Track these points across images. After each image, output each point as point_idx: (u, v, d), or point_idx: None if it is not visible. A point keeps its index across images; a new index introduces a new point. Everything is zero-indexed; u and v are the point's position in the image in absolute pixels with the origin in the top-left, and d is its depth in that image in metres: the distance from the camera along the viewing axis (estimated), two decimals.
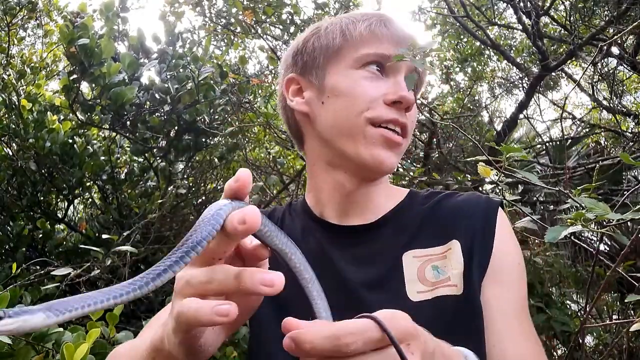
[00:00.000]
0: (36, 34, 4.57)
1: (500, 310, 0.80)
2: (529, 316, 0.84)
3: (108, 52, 2.19)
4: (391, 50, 0.87)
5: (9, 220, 2.64)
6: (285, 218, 0.99)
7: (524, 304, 0.84)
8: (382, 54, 0.88)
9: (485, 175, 1.11)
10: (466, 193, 0.94)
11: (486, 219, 0.86)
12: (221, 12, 3.34)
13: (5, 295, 1.13)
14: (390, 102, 0.85)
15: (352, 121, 0.86)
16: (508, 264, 0.84)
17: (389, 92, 0.86)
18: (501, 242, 0.85)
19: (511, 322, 0.80)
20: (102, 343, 1.20)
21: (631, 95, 5.79)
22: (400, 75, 0.88)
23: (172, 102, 2.42)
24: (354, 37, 0.89)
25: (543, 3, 4.10)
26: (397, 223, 0.91)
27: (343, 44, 0.90)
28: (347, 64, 0.89)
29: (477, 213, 0.88)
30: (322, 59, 0.92)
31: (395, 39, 0.89)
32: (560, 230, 0.95)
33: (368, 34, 0.89)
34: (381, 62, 0.88)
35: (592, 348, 2.74)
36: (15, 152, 2.55)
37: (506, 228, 0.88)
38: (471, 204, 0.90)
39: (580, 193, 1.07)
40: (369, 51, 0.88)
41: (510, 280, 0.83)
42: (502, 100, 6.52)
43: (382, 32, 0.89)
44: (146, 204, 2.67)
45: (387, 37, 0.89)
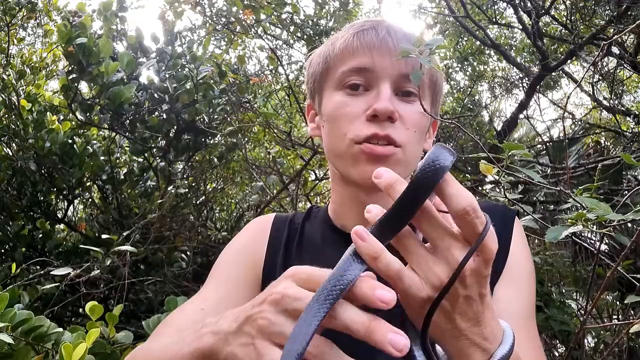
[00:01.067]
0: (36, 34, 4.57)
1: (510, 313, 0.81)
2: (535, 323, 0.85)
3: (106, 52, 2.19)
4: (366, 60, 0.85)
5: (9, 220, 2.64)
6: (305, 225, 1.00)
7: (532, 312, 0.86)
8: (356, 67, 0.86)
9: (487, 173, 1.11)
10: (482, 201, 0.95)
11: (503, 226, 0.88)
12: (221, 11, 3.33)
13: (4, 295, 1.13)
14: (369, 117, 0.83)
15: (339, 144, 0.87)
16: (521, 272, 0.86)
17: (368, 106, 0.84)
18: (516, 250, 0.87)
19: (519, 325, 0.80)
20: (102, 343, 1.20)
21: (631, 95, 5.79)
22: (383, 84, 0.85)
23: (170, 101, 2.42)
24: (332, 58, 0.90)
25: (543, 2, 4.09)
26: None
27: (324, 68, 0.91)
28: (332, 87, 0.90)
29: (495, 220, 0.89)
30: (317, 85, 0.94)
31: (372, 45, 0.86)
32: (561, 230, 0.96)
33: (342, 51, 0.88)
34: (364, 75, 0.86)
35: (592, 348, 2.74)
36: (15, 152, 2.55)
37: (521, 238, 0.90)
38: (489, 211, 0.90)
39: (581, 193, 1.07)
40: (343, 68, 0.87)
41: (522, 286, 0.85)
42: (502, 100, 6.51)
43: (355, 44, 0.86)
44: (146, 204, 2.67)
45: (361, 47, 0.86)
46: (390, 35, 0.86)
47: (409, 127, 0.85)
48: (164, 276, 2.49)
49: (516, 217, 0.92)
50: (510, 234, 0.88)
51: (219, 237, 2.92)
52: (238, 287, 0.92)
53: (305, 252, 0.96)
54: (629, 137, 3.97)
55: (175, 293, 2.25)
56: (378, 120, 0.82)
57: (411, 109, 0.86)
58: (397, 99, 0.86)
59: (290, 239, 0.99)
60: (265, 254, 0.97)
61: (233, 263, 0.97)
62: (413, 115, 0.86)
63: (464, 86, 5.92)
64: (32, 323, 1.13)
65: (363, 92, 0.86)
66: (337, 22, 3.49)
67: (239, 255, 0.98)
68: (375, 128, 0.82)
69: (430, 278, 0.52)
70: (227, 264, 0.97)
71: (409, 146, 0.85)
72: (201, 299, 0.90)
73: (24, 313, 1.13)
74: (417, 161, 0.90)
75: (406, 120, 0.85)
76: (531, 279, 0.87)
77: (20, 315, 1.12)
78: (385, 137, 0.82)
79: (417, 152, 0.89)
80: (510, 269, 0.85)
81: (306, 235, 0.99)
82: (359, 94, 0.86)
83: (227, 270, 0.96)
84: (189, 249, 2.75)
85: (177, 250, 2.78)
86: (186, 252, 2.78)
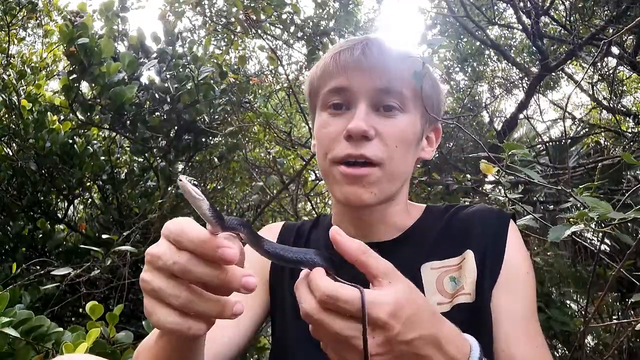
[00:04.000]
0: (36, 34, 4.57)
1: (509, 317, 0.83)
2: (537, 323, 0.86)
3: (108, 52, 2.19)
4: (342, 81, 0.88)
5: (9, 220, 2.64)
6: (311, 232, 1.05)
7: (533, 311, 0.87)
8: (334, 88, 0.89)
9: (488, 172, 1.12)
10: (477, 205, 0.98)
11: (498, 230, 0.90)
12: (221, 11, 3.33)
13: (5, 295, 1.13)
14: (345, 137, 0.86)
15: (322, 164, 0.92)
16: (518, 273, 0.88)
17: (344, 127, 0.86)
18: (512, 252, 0.89)
19: (519, 329, 0.83)
20: (102, 343, 1.20)
21: (631, 95, 5.79)
22: (360, 103, 0.87)
23: (171, 101, 2.42)
24: (316, 80, 0.94)
25: (543, 3, 4.09)
26: (415, 239, 0.94)
27: (311, 89, 0.97)
28: (319, 108, 0.94)
29: (490, 224, 0.91)
30: (310, 105, 1.00)
31: (347, 66, 0.88)
32: (563, 230, 0.96)
33: (322, 73, 0.92)
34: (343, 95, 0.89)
35: (592, 348, 2.74)
36: (15, 152, 2.55)
37: (517, 239, 0.91)
38: (483, 215, 0.93)
39: (582, 192, 1.07)
40: (324, 90, 0.91)
41: (519, 288, 0.87)
42: (502, 100, 6.52)
43: (332, 66, 0.90)
44: (146, 204, 2.67)
45: (336, 69, 0.89)
46: (364, 54, 0.88)
47: (389, 143, 0.87)
48: None
49: (511, 220, 0.93)
50: (505, 238, 0.89)
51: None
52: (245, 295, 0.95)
53: None
54: (629, 137, 3.97)
55: None
56: (353, 140, 0.85)
57: (391, 123, 0.87)
58: (377, 115, 0.87)
59: (298, 242, 1.03)
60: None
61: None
62: (392, 130, 0.87)
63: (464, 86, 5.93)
64: (33, 323, 1.13)
65: (345, 111, 0.89)
66: (337, 22, 3.49)
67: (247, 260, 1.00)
68: (351, 148, 0.85)
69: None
70: None
71: (388, 162, 0.87)
72: None
73: (25, 313, 1.14)
74: (405, 174, 0.93)
75: (385, 136, 0.87)
76: (529, 280, 0.88)
77: (21, 315, 1.12)
78: (359, 156, 0.85)
79: (402, 165, 0.90)
80: (506, 272, 0.87)
81: (312, 242, 1.02)
82: (341, 114, 0.89)
83: None
84: None
85: None
86: None
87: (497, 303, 0.84)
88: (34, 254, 2.60)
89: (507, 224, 0.92)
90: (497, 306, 0.84)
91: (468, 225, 0.91)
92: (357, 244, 0.59)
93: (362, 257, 0.58)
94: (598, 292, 2.60)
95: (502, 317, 0.83)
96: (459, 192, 3.02)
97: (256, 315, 0.95)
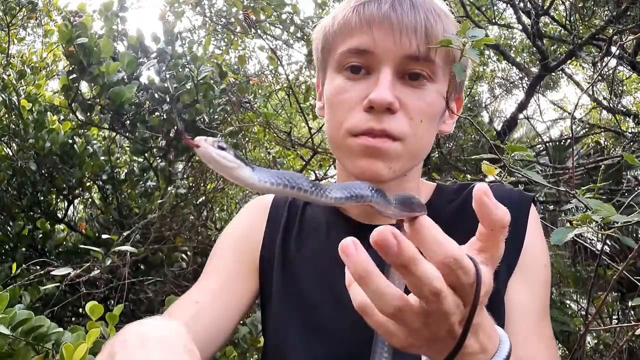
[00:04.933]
0: (36, 34, 4.57)
1: (521, 314, 0.78)
2: (548, 319, 0.82)
3: (107, 52, 2.19)
4: (365, 40, 0.75)
5: (9, 220, 2.64)
6: (306, 208, 0.95)
7: (546, 307, 0.82)
8: (355, 48, 0.76)
9: (489, 173, 1.11)
10: (496, 185, 0.90)
11: (518, 215, 0.81)
12: (221, 11, 3.33)
13: (4, 296, 1.13)
14: (365, 108, 0.75)
15: (336, 133, 0.81)
16: (535, 265, 0.82)
17: (366, 94, 0.75)
18: (531, 241, 0.82)
19: (530, 325, 0.78)
20: (102, 343, 1.20)
21: (631, 96, 5.79)
22: (384, 69, 0.74)
23: (171, 101, 2.42)
24: (332, 35, 0.80)
25: (543, 3, 4.09)
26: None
27: (324, 45, 0.83)
28: (332, 68, 0.82)
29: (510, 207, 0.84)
30: (320, 62, 0.87)
31: (372, 21, 0.74)
32: (566, 232, 0.94)
33: (340, 27, 0.78)
34: (364, 57, 0.76)
35: (592, 348, 2.74)
36: (15, 152, 2.55)
37: (537, 227, 0.84)
38: (503, 197, 0.82)
39: (584, 193, 1.06)
40: (342, 49, 0.78)
41: (535, 281, 0.81)
42: (502, 100, 6.52)
43: (354, 20, 0.76)
44: (146, 204, 2.67)
45: (360, 24, 0.75)
46: (394, 9, 0.74)
47: (414, 117, 0.76)
48: (164, 276, 2.49)
49: (532, 204, 0.85)
50: (525, 224, 0.82)
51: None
52: (231, 278, 0.89)
53: (306, 235, 0.92)
54: (629, 137, 3.98)
55: (175, 293, 2.25)
56: (375, 111, 0.74)
57: (417, 95, 0.77)
58: (402, 83, 0.76)
59: (290, 221, 0.93)
60: (262, 237, 0.93)
61: (229, 249, 0.94)
62: (419, 103, 0.77)
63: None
64: (32, 323, 1.13)
65: (364, 75, 0.77)
66: None
67: (235, 241, 0.94)
68: (372, 121, 0.75)
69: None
70: (222, 250, 0.94)
71: (412, 138, 0.77)
72: (198, 290, 0.88)
73: (24, 313, 1.13)
74: (426, 150, 0.84)
75: (410, 110, 0.76)
76: (546, 272, 0.82)
77: (21, 315, 1.12)
78: (381, 131, 0.75)
79: (425, 141, 0.81)
80: (524, 262, 0.80)
81: (307, 218, 0.93)
82: (359, 78, 0.77)
83: (223, 258, 0.93)
84: (189, 249, 2.75)
85: (177, 250, 2.78)
86: (186, 252, 2.77)
87: (512, 296, 0.78)
88: (34, 254, 2.60)
89: (528, 208, 0.83)
90: (511, 300, 0.78)
91: None
92: (503, 212, 0.51)
93: (501, 233, 0.50)
94: (598, 292, 2.59)
95: (515, 313, 0.77)
96: None
97: (243, 303, 0.88)
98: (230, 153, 0.42)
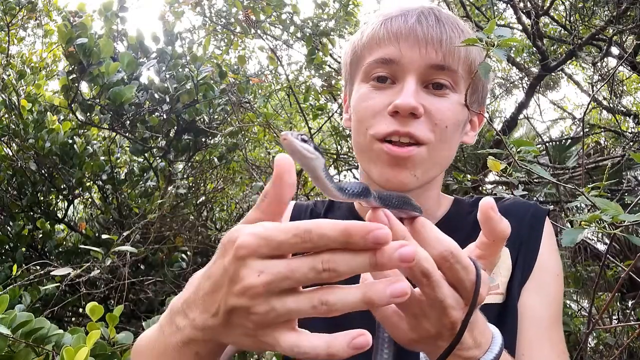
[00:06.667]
0: (36, 34, 4.56)
1: (534, 321, 0.80)
2: (561, 329, 0.83)
3: (107, 52, 2.19)
4: (392, 51, 0.79)
5: (9, 220, 2.64)
6: (327, 216, 0.96)
7: (558, 315, 0.83)
8: (382, 59, 0.80)
9: (495, 169, 1.10)
10: (512, 198, 0.93)
11: (533, 227, 0.85)
12: (221, 11, 3.33)
13: (5, 297, 1.13)
14: (391, 113, 0.78)
15: (361, 139, 0.83)
16: (549, 274, 0.84)
17: (391, 101, 0.78)
18: (546, 251, 0.84)
19: (542, 333, 0.80)
20: (102, 344, 1.20)
21: (631, 96, 5.79)
22: (409, 77, 0.78)
23: (171, 101, 2.42)
24: (360, 47, 0.85)
25: (543, 3, 4.09)
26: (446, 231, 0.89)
27: (353, 58, 0.87)
28: (360, 79, 0.85)
29: (525, 220, 0.86)
30: (348, 75, 0.91)
31: (399, 35, 0.79)
32: (577, 233, 0.93)
33: (369, 40, 0.83)
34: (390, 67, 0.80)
35: (592, 348, 2.74)
36: (15, 152, 2.55)
37: (551, 238, 0.87)
38: (520, 210, 0.87)
39: (589, 191, 1.06)
40: (370, 59, 0.82)
41: (548, 291, 0.83)
42: (502, 100, 6.52)
43: (382, 33, 0.81)
44: (146, 204, 2.67)
45: (388, 37, 0.80)
46: (420, 23, 0.79)
47: (438, 123, 0.79)
48: (164, 276, 2.49)
49: (547, 216, 0.88)
50: (540, 235, 0.85)
51: (219, 237, 2.92)
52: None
53: None
54: (629, 137, 3.98)
55: (175, 293, 2.25)
56: (400, 116, 0.77)
57: (441, 103, 0.80)
58: (427, 92, 0.80)
59: None
60: None
61: None
62: (443, 110, 0.79)
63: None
64: (33, 325, 1.13)
65: (390, 85, 0.81)
66: (337, 22, 3.49)
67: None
68: (397, 125, 0.77)
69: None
70: None
71: (436, 143, 0.79)
72: None
73: (25, 315, 1.13)
74: (450, 158, 0.86)
75: (434, 115, 0.79)
76: (558, 282, 0.85)
77: (21, 317, 1.12)
78: (406, 134, 0.77)
79: (449, 148, 0.83)
80: (538, 272, 0.82)
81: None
82: (385, 87, 0.81)
83: None
84: (189, 249, 2.75)
85: (177, 250, 2.78)
86: (186, 252, 2.78)
87: (525, 303, 0.80)
88: (34, 254, 2.60)
89: (544, 220, 0.87)
90: (524, 307, 0.80)
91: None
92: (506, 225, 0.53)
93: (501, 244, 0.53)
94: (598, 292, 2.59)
95: (528, 320, 0.79)
96: (459, 192, 3.01)
97: None
98: (311, 145, 0.44)
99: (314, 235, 0.42)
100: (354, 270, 0.44)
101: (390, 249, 0.43)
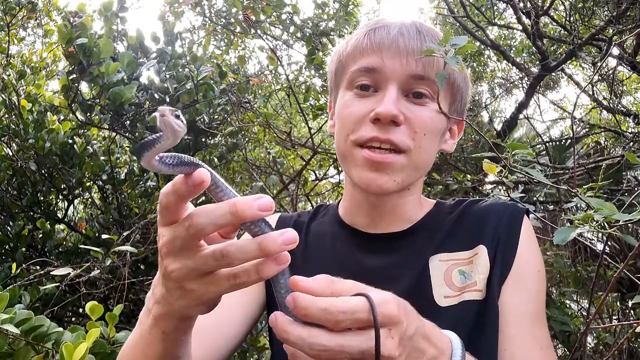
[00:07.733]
0: (36, 34, 4.57)
1: (516, 316, 0.81)
2: (544, 323, 0.84)
3: (107, 52, 2.19)
4: (375, 60, 0.83)
5: (9, 220, 2.64)
6: (311, 225, 1.00)
7: (541, 311, 0.84)
8: (365, 67, 0.84)
9: (491, 172, 1.11)
10: (491, 199, 0.96)
11: (511, 225, 0.88)
12: (221, 12, 3.34)
13: (4, 296, 1.13)
14: (372, 120, 0.81)
15: (343, 145, 0.87)
16: (529, 271, 0.85)
17: (372, 109, 0.81)
18: (524, 249, 0.86)
19: (524, 329, 0.81)
20: (102, 343, 1.20)
21: (631, 96, 5.79)
22: (390, 86, 0.82)
23: (171, 101, 2.42)
24: (345, 56, 0.89)
25: (543, 3, 4.09)
26: (426, 231, 0.91)
27: (338, 66, 0.91)
28: (344, 86, 0.89)
29: (503, 219, 0.88)
30: (333, 83, 0.95)
31: (382, 45, 0.83)
32: (569, 232, 0.94)
33: (353, 50, 0.87)
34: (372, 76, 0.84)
35: (592, 348, 2.74)
36: (15, 152, 2.55)
37: (530, 236, 0.89)
38: (497, 210, 0.90)
39: (585, 192, 1.07)
40: (353, 68, 0.86)
41: (528, 287, 0.84)
42: (502, 100, 6.53)
43: (365, 43, 0.85)
44: (146, 204, 2.67)
45: (371, 47, 0.84)
46: (402, 35, 0.83)
47: (417, 130, 0.83)
48: None
49: (525, 215, 0.90)
50: (518, 233, 0.87)
51: None
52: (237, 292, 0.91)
53: (312, 250, 0.95)
54: (629, 137, 3.98)
55: None
56: (381, 123, 0.81)
57: (421, 111, 0.83)
58: (407, 100, 0.83)
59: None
60: None
61: None
62: (423, 118, 0.83)
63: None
64: (32, 323, 1.13)
65: (372, 93, 0.84)
66: (337, 22, 3.49)
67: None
68: (377, 131, 0.81)
69: None
70: None
71: (415, 150, 0.83)
72: None
73: (24, 313, 1.13)
74: (428, 164, 0.90)
75: (414, 123, 0.82)
76: (539, 278, 0.86)
77: (20, 315, 1.12)
78: (386, 141, 0.81)
79: (428, 154, 0.87)
80: (517, 269, 0.84)
81: (313, 233, 0.98)
82: (368, 95, 0.85)
83: None
84: None
85: None
86: None
87: (505, 300, 0.82)
88: (34, 254, 2.60)
89: (521, 219, 0.89)
90: (505, 304, 0.82)
91: (481, 220, 0.89)
92: (321, 279, 0.54)
93: (332, 287, 0.53)
94: (597, 292, 2.59)
95: (509, 315, 0.81)
96: (459, 192, 3.01)
97: (249, 315, 0.90)
98: (183, 120, 0.50)
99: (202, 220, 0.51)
100: (246, 254, 0.50)
101: (276, 234, 0.50)
